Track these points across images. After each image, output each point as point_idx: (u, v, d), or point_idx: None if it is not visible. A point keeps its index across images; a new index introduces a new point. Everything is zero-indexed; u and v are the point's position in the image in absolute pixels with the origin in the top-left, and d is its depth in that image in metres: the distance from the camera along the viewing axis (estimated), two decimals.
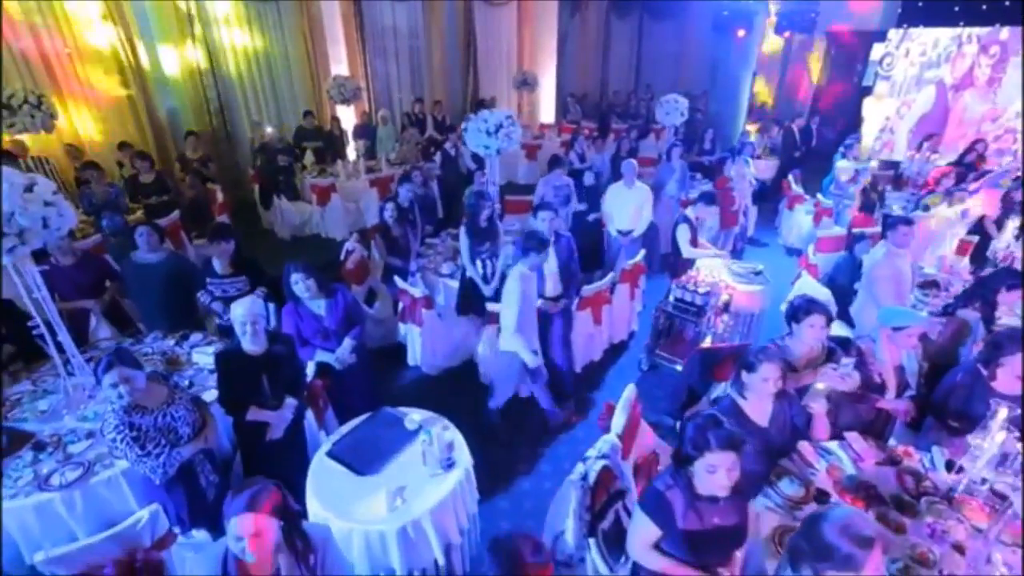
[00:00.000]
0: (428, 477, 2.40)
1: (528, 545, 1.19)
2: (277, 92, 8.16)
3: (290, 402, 2.56)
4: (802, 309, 2.53)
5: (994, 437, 1.74)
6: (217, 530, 2.31)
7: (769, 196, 8.05)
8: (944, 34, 9.31)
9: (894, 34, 9.78)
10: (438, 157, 7.04)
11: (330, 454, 2.51)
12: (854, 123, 10.40)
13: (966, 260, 4.80)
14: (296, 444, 2.65)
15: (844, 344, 2.91)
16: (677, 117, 7.19)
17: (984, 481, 1.78)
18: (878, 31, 10.20)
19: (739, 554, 1.76)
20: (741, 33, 8.96)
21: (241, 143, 7.94)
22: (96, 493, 2.40)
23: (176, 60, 7.07)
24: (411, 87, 9.88)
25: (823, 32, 10.63)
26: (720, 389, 3.21)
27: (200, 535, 2.35)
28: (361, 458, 2.47)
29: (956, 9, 9.16)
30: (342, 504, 2.27)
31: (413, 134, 8.10)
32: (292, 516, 1.54)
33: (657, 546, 1.74)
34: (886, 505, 2.23)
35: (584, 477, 2.23)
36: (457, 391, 4.11)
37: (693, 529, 1.66)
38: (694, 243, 4.33)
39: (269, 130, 7.08)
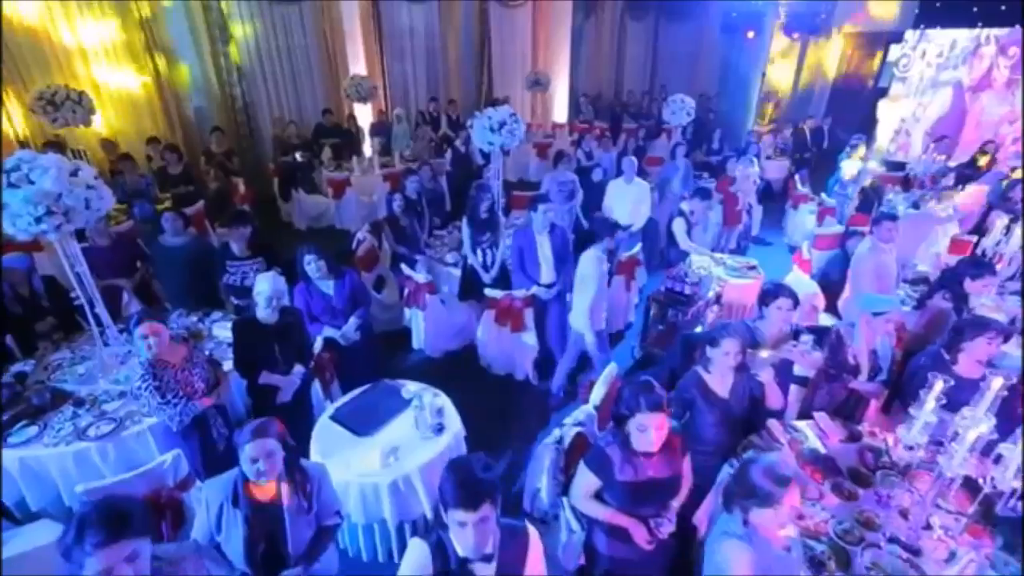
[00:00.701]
0: (420, 440, 2.63)
1: (479, 462, 1.41)
2: (298, 90, 8.54)
3: (298, 369, 2.82)
4: (770, 293, 2.70)
5: (925, 406, 1.89)
6: None
7: (777, 196, 8.12)
8: (962, 35, 9.21)
9: (911, 35, 9.70)
10: (448, 153, 7.30)
11: (332, 417, 2.77)
12: (869, 124, 10.33)
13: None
14: (303, 408, 2.92)
15: (822, 331, 3.07)
16: (683, 117, 7.32)
17: (919, 446, 1.93)
18: (896, 32, 10.13)
19: (675, 503, 1.95)
20: (751, 35, 9.02)
21: (263, 139, 8.33)
22: (126, 445, 2.70)
23: (203, 60, 7.47)
24: (427, 86, 10.17)
25: (840, 33, 10.59)
26: None
27: None
28: (360, 421, 2.72)
29: (975, 10, 9.05)
30: (341, 460, 2.52)
31: (426, 131, 8.39)
32: (292, 449, 1.78)
33: (598, 496, 1.94)
34: (841, 476, 2.39)
35: (559, 441, 2.43)
36: (458, 373, 4.34)
37: (630, 480, 1.86)
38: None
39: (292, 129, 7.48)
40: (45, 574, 2.14)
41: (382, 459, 2.51)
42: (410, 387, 2.94)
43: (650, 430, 1.75)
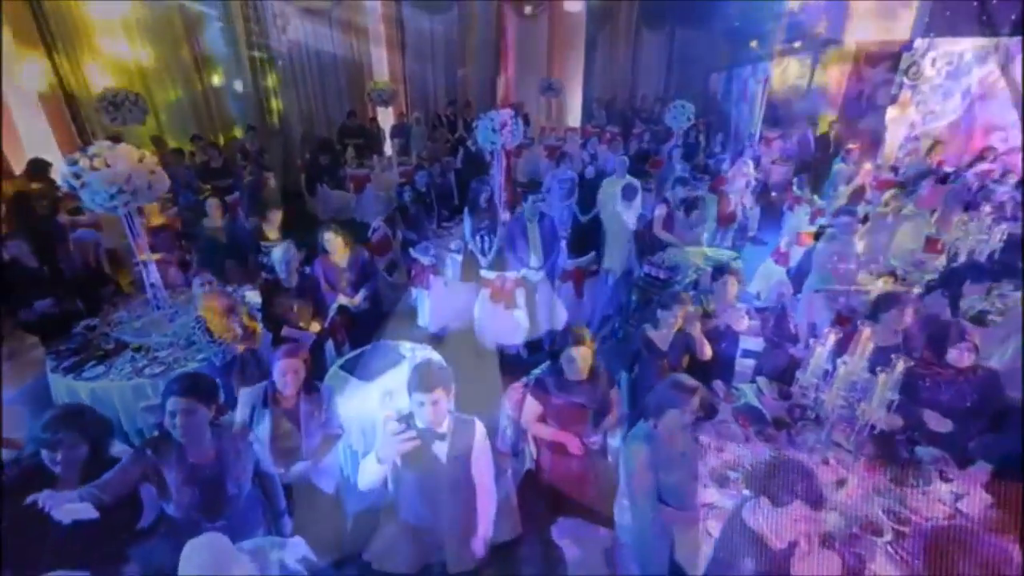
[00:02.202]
0: None
1: (436, 364, 1.89)
2: (326, 93, 9.24)
3: (314, 326, 3.37)
4: (719, 270, 3.12)
5: (816, 351, 2.29)
6: None
7: (777, 199, 8.39)
8: (971, 43, 9.33)
9: (920, 43, 9.85)
10: (461, 152, 7.86)
11: (341, 367, 3.30)
12: (878, 131, 10.48)
13: (942, 259, 5.10)
14: (317, 359, 3.45)
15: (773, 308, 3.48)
16: (683, 121, 7.70)
17: (815, 387, 2.32)
18: (908, 41, 10.27)
19: (605, 423, 2.40)
20: (754, 44, 9.34)
21: (293, 138, 9.04)
22: None
23: (242, 66, 8.23)
24: (445, 91, 10.78)
25: (849, 41, 10.78)
26: None
27: None
28: (363, 370, 3.24)
29: (984, 18, 9.17)
30: (346, 400, 3.03)
31: (443, 133, 8.97)
32: (311, 372, 2.31)
33: (543, 419, 2.41)
34: (765, 423, 2.79)
35: (525, 386, 2.89)
36: (457, 347, 4.82)
37: (563, 403, 2.33)
38: (667, 224, 4.92)
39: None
40: None
41: (380, 400, 3.02)
42: (406, 345, 3.45)
43: (577, 360, 2.21)
